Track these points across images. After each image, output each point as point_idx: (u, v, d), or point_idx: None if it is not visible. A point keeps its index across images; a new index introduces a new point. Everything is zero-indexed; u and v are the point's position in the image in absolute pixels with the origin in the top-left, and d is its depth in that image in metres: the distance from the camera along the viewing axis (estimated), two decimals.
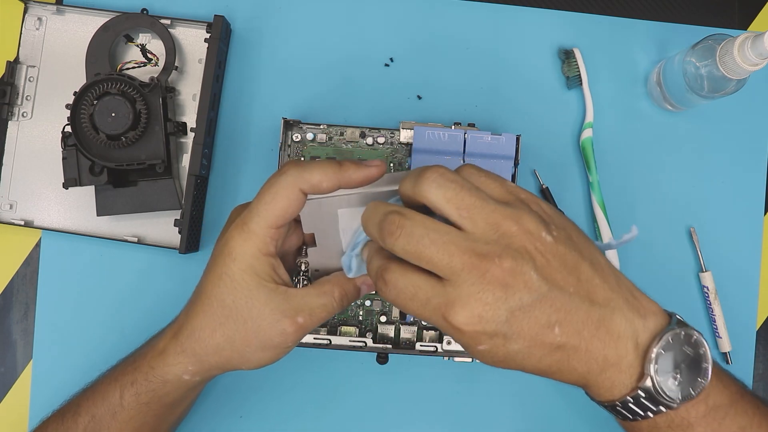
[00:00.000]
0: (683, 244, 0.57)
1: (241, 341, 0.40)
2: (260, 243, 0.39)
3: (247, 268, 0.39)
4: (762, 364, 0.57)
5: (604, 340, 0.34)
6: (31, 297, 0.56)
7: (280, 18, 0.58)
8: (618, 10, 0.59)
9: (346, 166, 0.39)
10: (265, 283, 0.39)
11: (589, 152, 0.56)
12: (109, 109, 0.51)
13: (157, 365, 0.43)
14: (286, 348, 0.41)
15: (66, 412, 0.46)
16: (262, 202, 0.39)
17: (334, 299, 0.40)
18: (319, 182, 0.38)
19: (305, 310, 0.40)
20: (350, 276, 0.41)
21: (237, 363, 0.41)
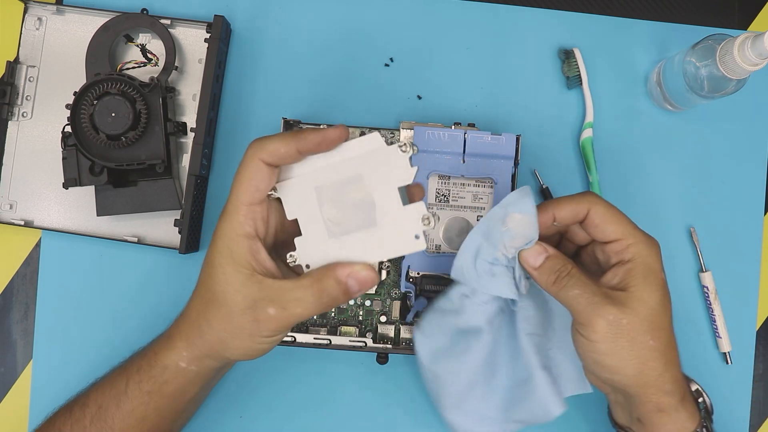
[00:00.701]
0: (683, 244, 0.57)
1: (219, 326, 0.40)
2: (234, 222, 0.39)
3: (224, 250, 0.40)
4: (762, 364, 0.57)
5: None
6: (31, 297, 0.56)
7: (280, 18, 0.58)
8: (618, 10, 0.59)
9: (303, 131, 0.39)
10: (240, 269, 0.39)
11: (589, 152, 0.56)
12: (109, 109, 0.51)
13: (159, 350, 0.44)
14: (262, 338, 0.40)
15: (74, 404, 0.46)
16: (233, 183, 0.40)
17: (311, 294, 0.39)
18: (276, 148, 0.39)
19: (277, 302, 0.39)
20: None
21: (219, 349, 0.41)
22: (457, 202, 0.54)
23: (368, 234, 0.40)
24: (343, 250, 0.40)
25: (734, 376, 0.56)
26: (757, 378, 0.57)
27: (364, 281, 0.40)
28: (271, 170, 0.40)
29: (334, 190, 0.40)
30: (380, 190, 0.40)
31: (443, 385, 0.47)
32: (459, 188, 0.54)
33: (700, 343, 0.56)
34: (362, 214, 0.40)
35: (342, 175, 0.40)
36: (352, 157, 0.40)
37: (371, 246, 0.40)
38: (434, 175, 0.53)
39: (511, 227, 0.43)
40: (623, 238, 0.43)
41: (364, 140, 0.40)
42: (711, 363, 0.56)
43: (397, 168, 0.39)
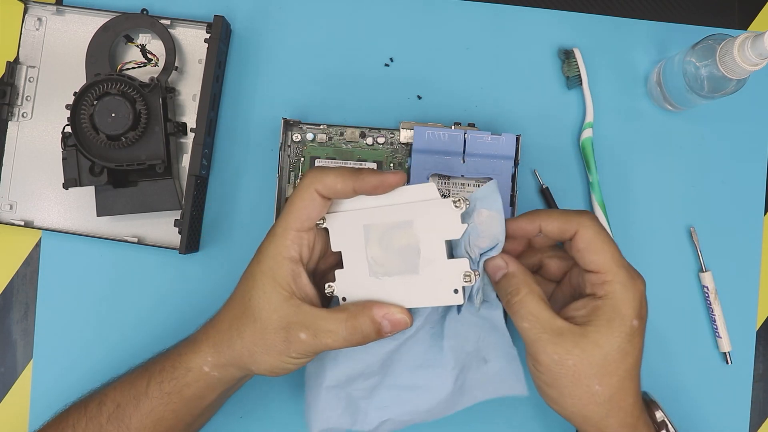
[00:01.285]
0: (683, 244, 0.57)
1: (250, 339, 0.42)
2: (281, 245, 0.41)
3: (267, 270, 0.41)
4: (762, 364, 0.57)
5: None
6: (31, 297, 0.56)
7: (280, 18, 0.58)
8: (618, 10, 0.59)
9: (363, 171, 0.40)
10: (280, 290, 0.41)
11: (589, 152, 0.56)
12: (109, 109, 0.51)
13: (184, 352, 0.44)
14: (290, 358, 0.41)
15: (89, 402, 0.46)
16: (285, 207, 0.42)
17: (344, 329, 0.40)
18: (333, 183, 0.40)
19: (311, 329, 0.40)
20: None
21: (247, 361, 0.42)
22: None
23: (409, 280, 0.41)
24: (381, 290, 0.42)
25: (734, 376, 0.56)
26: (757, 378, 0.57)
27: (398, 323, 0.41)
28: (324, 201, 0.41)
29: (382, 232, 0.41)
30: (427, 239, 0.41)
31: (327, 366, 0.46)
32: (459, 188, 0.54)
33: (700, 343, 0.56)
34: (406, 259, 0.41)
35: (392, 218, 0.41)
36: (405, 202, 0.41)
37: (409, 291, 0.41)
38: (434, 175, 0.53)
39: (477, 224, 0.41)
40: (602, 272, 0.41)
41: (420, 188, 0.41)
42: (711, 363, 0.56)
43: (447, 221, 0.40)
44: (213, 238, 0.56)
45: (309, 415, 0.46)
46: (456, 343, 0.45)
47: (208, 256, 0.56)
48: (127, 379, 0.46)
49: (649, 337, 0.56)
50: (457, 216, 0.40)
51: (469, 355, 0.46)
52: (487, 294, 0.44)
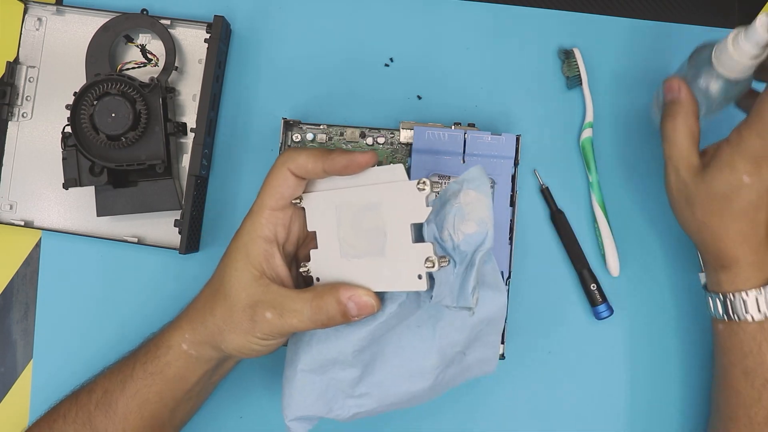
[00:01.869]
0: (683, 244, 0.57)
1: (220, 316, 0.42)
2: (256, 224, 0.42)
3: (241, 246, 0.42)
4: None
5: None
6: (31, 297, 0.56)
7: (280, 18, 0.58)
8: (618, 10, 0.59)
9: (332, 151, 0.41)
10: (251, 268, 0.41)
11: (589, 152, 0.56)
12: (109, 109, 0.51)
13: (166, 330, 0.46)
14: (256, 338, 0.41)
15: (81, 391, 0.47)
16: (262, 185, 0.42)
17: (309, 308, 0.40)
18: (305, 162, 0.41)
19: (277, 308, 0.40)
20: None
21: (218, 339, 0.43)
22: None
23: (376, 262, 0.40)
24: (351, 272, 0.41)
25: None
26: None
27: (364, 306, 0.40)
28: (297, 181, 0.42)
29: (352, 213, 0.41)
30: (394, 222, 0.40)
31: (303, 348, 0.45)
32: None
33: (700, 343, 0.56)
34: (374, 241, 0.40)
35: (362, 199, 0.41)
36: (375, 183, 0.40)
37: (377, 274, 0.40)
38: (434, 175, 0.53)
39: (463, 204, 0.39)
40: (747, 117, 0.44)
41: (388, 169, 0.40)
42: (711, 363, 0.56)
43: (412, 204, 0.39)
44: (213, 238, 0.56)
45: (284, 400, 0.45)
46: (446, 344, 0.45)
47: (208, 256, 0.56)
48: (116, 365, 0.47)
49: (650, 336, 0.56)
50: (422, 199, 0.38)
51: (454, 355, 0.46)
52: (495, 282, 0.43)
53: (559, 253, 0.56)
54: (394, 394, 0.45)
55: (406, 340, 0.45)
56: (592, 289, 0.55)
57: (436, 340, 0.44)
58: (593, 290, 0.55)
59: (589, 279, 0.55)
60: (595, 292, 0.55)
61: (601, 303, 0.55)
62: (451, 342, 0.45)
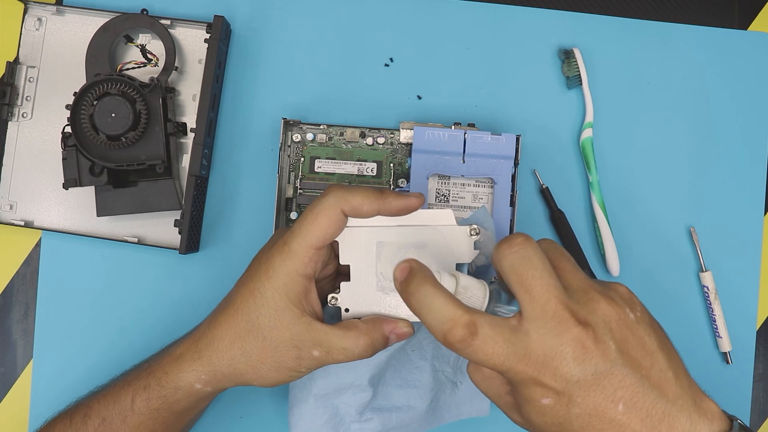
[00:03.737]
0: (683, 244, 0.57)
1: (257, 357, 0.41)
2: (298, 263, 0.40)
3: (280, 287, 0.40)
4: (762, 364, 0.57)
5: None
6: (31, 297, 0.56)
7: (280, 18, 0.58)
8: (618, 10, 0.59)
9: (386, 194, 0.40)
10: (292, 307, 0.40)
11: (589, 152, 0.56)
12: (109, 109, 0.51)
13: (171, 371, 0.43)
14: (299, 372, 0.41)
15: (75, 414, 0.46)
16: (305, 222, 0.40)
17: (358, 346, 0.41)
18: (360, 204, 0.40)
19: (324, 347, 0.40)
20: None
21: (250, 378, 0.42)
22: (457, 202, 0.54)
23: None
24: (385, 304, 0.42)
25: (734, 376, 0.56)
26: (757, 378, 0.57)
27: (403, 335, 0.42)
28: (345, 220, 0.41)
29: (395, 250, 0.42)
30: (438, 260, 0.42)
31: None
32: (459, 188, 0.54)
33: (700, 343, 0.56)
34: None
35: (407, 239, 0.42)
36: (422, 225, 0.42)
37: None
38: (434, 175, 0.53)
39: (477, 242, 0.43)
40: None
41: (438, 214, 0.42)
42: (711, 363, 0.56)
43: (461, 247, 0.42)
44: (213, 238, 0.56)
45: (292, 419, 0.47)
46: (438, 365, 0.48)
47: (208, 256, 0.56)
48: (110, 392, 0.45)
49: None
50: (471, 243, 0.42)
51: (446, 378, 0.49)
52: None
53: None
54: (396, 417, 0.48)
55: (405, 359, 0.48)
56: None
57: (428, 360, 0.48)
58: None
59: None
60: None
61: None
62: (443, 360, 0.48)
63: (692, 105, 0.58)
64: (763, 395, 0.57)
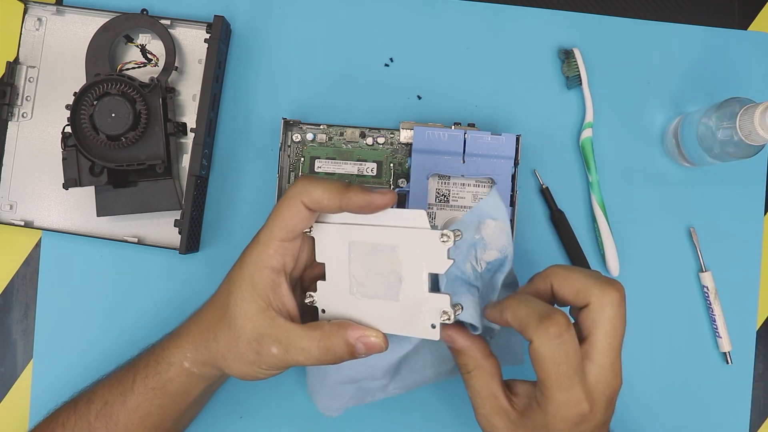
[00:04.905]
0: (683, 244, 0.57)
1: (224, 344, 0.42)
2: (264, 254, 0.40)
3: (246, 277, 0.40)
4: (762, 364, 0.57)
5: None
6: (31, 297, 0.56)
7: (280, 18, 0.58)
8: (618, 10, 0.59)
9: (351, 188, 0.38)
10: (257, 299, 0.40)
11: (589, 152, 0.56)
12: (109, 109, 0.51)
13: (167, 346, 0.45)
14: (260, 369, 0.41)
15: (79, 400, 0.47)
16: (271, 214, 0.41)
17: (317, 348, 0.39)
18: (320, 197, 0.39)
19: (283, 344, 0.40)
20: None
21: (221, 364, 0.42)
22: (457, 202, 0.54)
23: (387, 305, 0.39)
24: (360, 310, 0.40)
25: (734, 376, 0.56)
26: (757, 378, 0.57)
27: (372, 347, 0.40)
28: (310, 213, 0.40)
29: (366, 252, 0.39)
30: (410, 268, 0.38)
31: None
32: (459, 188, 0.54)
33: (700, 343, 0.56)
34: (387, 284, 0.39)
35: (378, 239, 0.39)
36: (393, 225, 0.38)
37: (387, 317, 0.40)
38: (434, 175, 0.53)
39: (484, 236, 0.41)
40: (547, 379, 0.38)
41: (409, 214, 0.38)
42: (711, 363, 0.56)
43: (433, 254, 0.38)
44: (213, 238, 0.56)
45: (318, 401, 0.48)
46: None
47: (208, 256, 0.56)
48: (115, 376, 0.47)
49: (650, 337, 0.56)
50: (444, 250, 0.37)
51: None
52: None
53: (559, 253, 0.56)
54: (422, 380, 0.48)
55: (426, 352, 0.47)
56: None
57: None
58: None
59: None
60: None
61: None
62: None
63: (692, 105, 0.58)
64: (763, 395, 0.57)
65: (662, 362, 0.56)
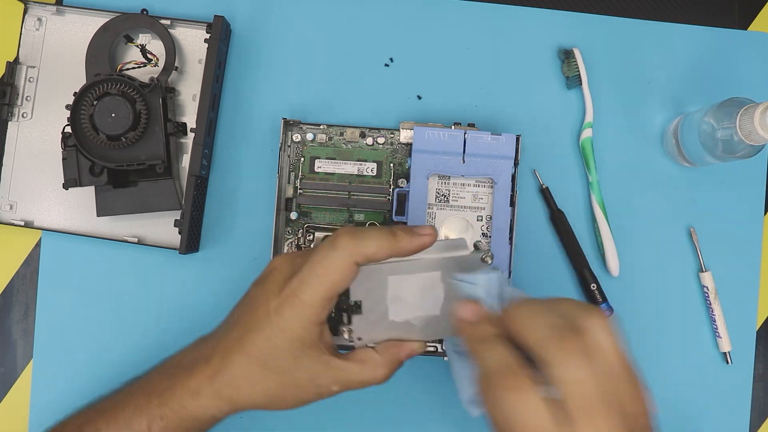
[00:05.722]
0: (683, 244, 0.57)
1: (278, 396, 0.42)
2: (312, 314, 0.39)
3: (296, 339, 0.40)
4: (762, 364, 0.57)
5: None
6: (31, 297, 0.56)
7: (280, 18, 0.58)
8: (618, 10, 0.59)
9: (399, 236, 0.39)
10: (309, 352, 0.40)
11: (589, 152, 0.56)
12: (109, 109, 0.51)
13: (189, 405, 0.42)
14: (318, 400, 0.42)
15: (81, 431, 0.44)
16: (315, 275, 0.39)
17: (376, 378, 0.41)
18: (374, 254, 0.39)
19: (342, 382, 0.41)
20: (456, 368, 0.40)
21: (270, 408, 0.43)
22: (457, 202, 0.54)
23: (427, 318, 0.42)
24: (399, 329, 0.42)
25: (734, 376, 0.56)
26: (757, 378, 0.57)
27: (416, 354, 0.42)
28: (358, 269, 0.39)
29: (408, 280, 0.41)
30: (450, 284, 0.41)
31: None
32: (459, 188, 0.54)
33: (700, 343, 0.56)
34: (429, 302, 0.41)
35: (420, 270, 0.41)
36: (430, 259, 0.41)
37: (427, 327, 0.42)
38: (434, 175, 0.53)
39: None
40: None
41: (451, 243, 0.41)
42: (711, 363, 0.56)
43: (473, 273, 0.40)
44: (213, 238, 0.56)
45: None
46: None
47: (208, 256, 0.56)
48: (120, 416, 0.44)
49: (650, 337, 0.56)
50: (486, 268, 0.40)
51: None
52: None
53: (559, 253, 0.56)
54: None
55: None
56: (592, 289, 0.55)
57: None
58: (593, 290, 0.55)
59: (589, 279, 0.55)
60: (595, 292, 0.55)
61: (601, 303, 0.55)
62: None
63: (692, 105, 0.58)
64: (763, 395, 0.57)
65: (662, 362, 0.56)
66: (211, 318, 0.47)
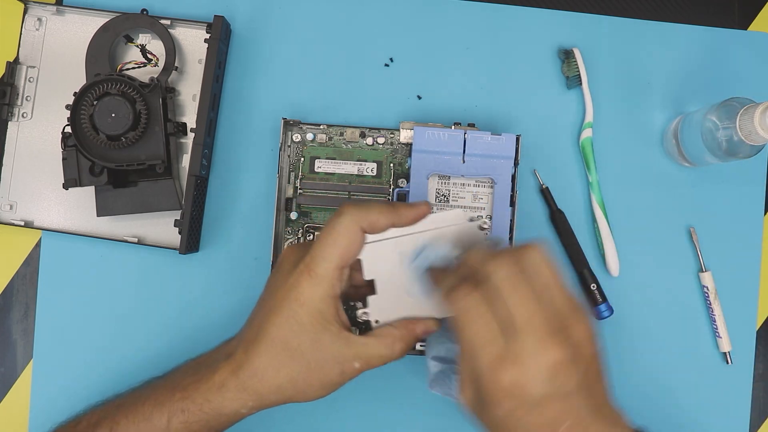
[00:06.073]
0: (683, 244, 0.57)
1: (303, 381, 0.42)
2: (327, 286, 0.41)
3: (315, 312, 0.41)
4: (762, 364, 0.57)
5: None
6: (31, 297, 0.56)
7: (280, 18, 0.58)
8: (618, 10, 0.59)
9: (397, 206, 0.42)
10: (330, 327, 0.41)
11: (589, 152, 0.56)
12: (109, 109, 0.51)
13: (214, 399, 0.43)
14: (341, 384, 0.43)
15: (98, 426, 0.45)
16: (325, 244, 0.41)
17: (394, 352, 0.42)
18: (376, 220, 0.41)
19: (363, 358, 0.42)
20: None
21: (296, 398, 0.43)
22: (457, 202, 0.54)
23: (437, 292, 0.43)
24: (414, 306, 0.43)
25: (734, 376, 0.56)
26: (757, 378, 0.57)
27: (431, 331, 0.43)
28: (364, 237, 0.42)
29: (416, 255, 0.43)
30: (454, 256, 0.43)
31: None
32: (459, 188, 0.54)
33: (700, 343, 0.56)
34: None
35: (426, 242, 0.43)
36: (436, 228, 0.43)
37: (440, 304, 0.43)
38: (434, 175, 0.53)
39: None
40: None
41: (448, 215, 0.43)
42: (711, 363, 0.56)
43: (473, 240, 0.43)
44: (213, 238, 0.56)
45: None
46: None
47: (208, 256, 0.56)
48: (139, 410, 0.44)
49: (650, 337, 0.56)
50: (483, 235, 0.44)
51: None
52: None
53: (559, 253, 0.56)
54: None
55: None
56: (592, 289, 0.55)
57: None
58: (593, 290, 0.55)
59: (589, 279, 0.55)
60: (595, 292, 0.55)
61: (601, 303, 0.55)
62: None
63: (692, 105, 0.58)
64: (763, 395, 0.57)
65: (662, 362, 0.56)
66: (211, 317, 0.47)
